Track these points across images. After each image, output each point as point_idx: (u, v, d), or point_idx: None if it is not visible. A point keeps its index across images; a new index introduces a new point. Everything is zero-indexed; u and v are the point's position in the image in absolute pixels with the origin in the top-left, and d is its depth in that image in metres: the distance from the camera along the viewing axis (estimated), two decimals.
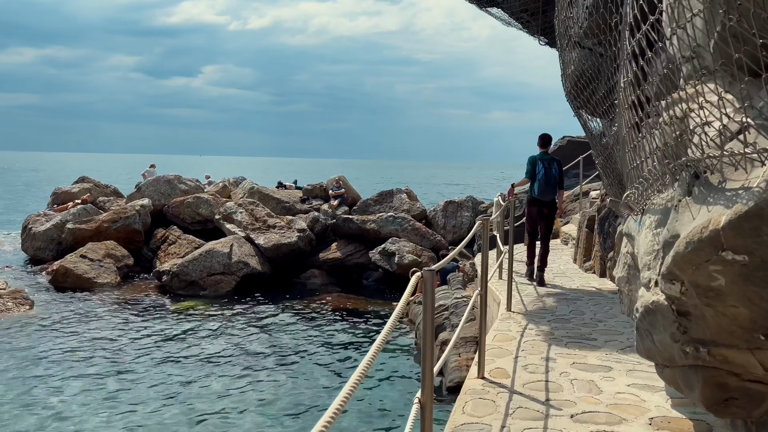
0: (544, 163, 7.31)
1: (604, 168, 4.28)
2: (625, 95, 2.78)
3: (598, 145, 4.25)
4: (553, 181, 7.30)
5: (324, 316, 13.40)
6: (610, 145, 3.84)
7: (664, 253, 2.10)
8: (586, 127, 4.37)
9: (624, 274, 3.67)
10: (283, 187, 22.82)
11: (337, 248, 16.56)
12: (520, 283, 7.61)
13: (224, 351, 11.01)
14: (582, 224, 9.06)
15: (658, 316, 2.23)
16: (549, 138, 7.75)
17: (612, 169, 4.09)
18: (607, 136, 3.94)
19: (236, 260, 15.26)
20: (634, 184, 2.79)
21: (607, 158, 4.07)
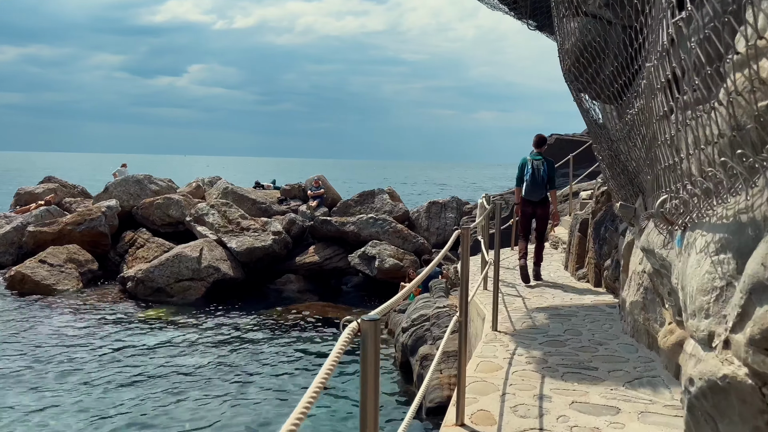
0: (533, 164, 7.34)
1: (611, 165, 3.51)
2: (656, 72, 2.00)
3: (603, 138, 3.49)
4: (540, 181, 7.28)
5: (299, 325, 12.55)
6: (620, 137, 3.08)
7: (747, 299, 1.32)
8: (588, 115, 3.61)
9: (639, 299, 2.92)
10: (261, 187, 21.92)
11: (314, 252, 15.71)
12: (507, 294, 6.83)
13: (190, 363, 10.15)
14: (574, 228, 8.31)
15: (732, 399, 1.44)
16: (542, 138, 7.69)
17: (621, 167, 3.33)
18: (616, 125, 3.18)
19: (206, 265, 14.36)
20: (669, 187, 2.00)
21: (614, 153, 3.30)
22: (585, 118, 3.93)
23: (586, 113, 3.68)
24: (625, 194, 3.55)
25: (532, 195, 7.38)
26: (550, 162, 7.47)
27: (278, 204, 18.73)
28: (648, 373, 4.00)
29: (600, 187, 7.44)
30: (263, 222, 15.99)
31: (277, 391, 9.20)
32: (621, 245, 4.71)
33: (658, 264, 2.56)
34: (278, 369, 10.08)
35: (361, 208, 17.86)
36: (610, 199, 6.88)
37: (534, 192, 7.37)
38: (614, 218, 6.59)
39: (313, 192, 18.49)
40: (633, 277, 3.06)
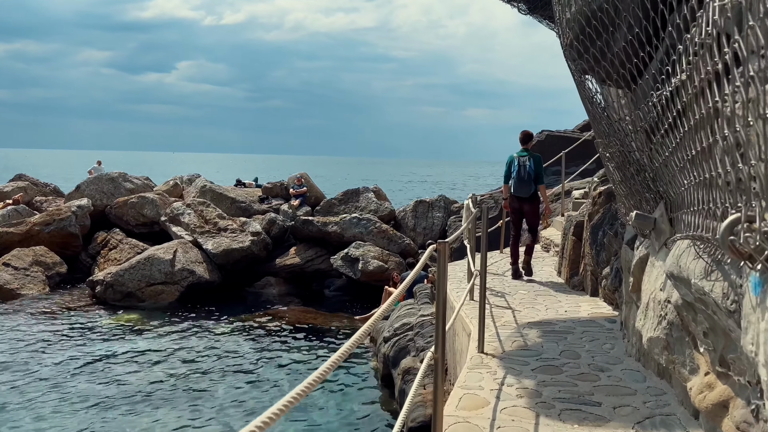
0: (520, 160, 7.43)
1: (622, 166, 2.87)
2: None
3: (612, 131, 2.85)
4: (527, 177, 7.36)
5: (278, 333, 11.86)
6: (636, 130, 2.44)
7: None
8: (592, 103, 2.96)
9: (660, 335, 2.30)
10: (242, 185, 21.17)
11: (295, 253, 15.02)
12: (496, 306, 6.19)
13: (160, 374, 9.47)
14: (568, 231, 7.69)
15: None
16: (528, 135, 7.77)
17: (636, 168, 2.69)
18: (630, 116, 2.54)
19: (180, 268, 13.63)
20: (731, 203, 1.34)
21: (627, 150, 2.66)
22: (587, 107, 3.30)
23: (589, 101, 3.05)
24: (638, 201, 2.92)
25: (519, 191, 7.46)
26: (537, 157, 7.51)
27: (259, 203, 18.00)
28: (661, 410, 3.36)
29: (596, 187, 6.83)
30: (242, 222, 15.27)
31: (253, 402, 8.56)
32: (627, 256, 4.07)
33: (693, 296, 1.93)
34: (254, 379, 9.41)
35: (345, 208, 17.18)
36: (609, 200, 6.25)
37: (521, 188, 7.44)
38: (613, 222, 5.97)
39: (295, 190, 17.78)
40: (651, 306, 2.43)
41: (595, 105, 2.89)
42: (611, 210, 6.07)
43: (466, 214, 6.76)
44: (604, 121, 2.84)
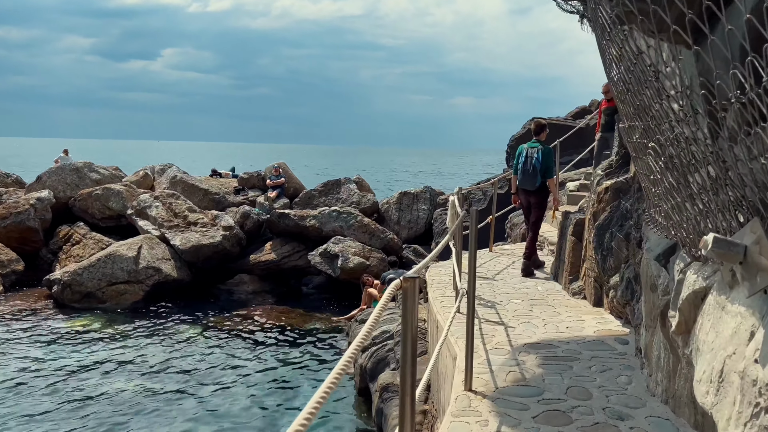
0: (528, 151, 7.20)
1: (677, 164, 1.95)
2: None
3: (661, 112, 1.95)
4: (531, 169, 7.08)
5: (250, 335, 10.94)
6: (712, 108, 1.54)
7: None
8: (634, 66, 2.04)
9: (748, 419, 1.41)
10: (218, 175, 20.13)
11: (271, 249, 14.06)
12: (486, 321, 5.31)
13: (118, 384, 8.58)
14: (566, 229, 6.82)
15: None
16: (540, 125, 7.47)
17: (692, 166, 1.80)
18: (686, 82, 1.65)
19: (145, 266, 12.64)
20: None
21: (691, 139, 1.76)
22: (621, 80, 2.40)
23: (617, 65, 2.18)
24: (691, 217, 2.03)
25: (524, 184, 7.22)
26: (547, 150, 7.17)
27: (234, 194, 16.99)
28: None
29: (600, 181, 5.95)
30: (213, 216, 14.28)
31: (223, 414, 7.69)
32: (652, 270, 3.19)
33: None
34: (224, 388, 8.54)
35: (326, 199, 16.24)
36: (618, 197, 5.38)
37: (526, 181, 7.18)
38: (623, 223, 5.09)
39: (272, 181, 16.79)
40: (731, 380, 1.56)
41: (638, 72, 2.00)
42: (620, 209, 5.20)
43: (451, 212, 5.88)
44: (651, 97, 1.96)
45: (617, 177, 5.73)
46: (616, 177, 5.75)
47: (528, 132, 14.48)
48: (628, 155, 6.03)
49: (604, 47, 2.48)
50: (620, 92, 2.62)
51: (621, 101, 2.75)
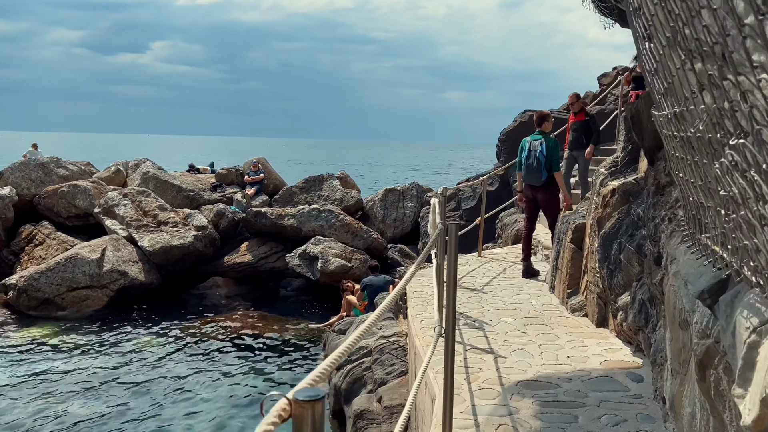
0: (531, 144, 6.78)
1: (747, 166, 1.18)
2: None
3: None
4: (536, 163, 6.64)
5: (222, 344, 10.09)
6: None
7: None
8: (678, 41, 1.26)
9: None
10: (196, 170, 19.17)
11: (247, 250, 13.20)
12: (472, 348, 4.50)
13: (74, 400, 7.76)
14: (563, 235, 6.02)
15: None
16: (543, 116, 6.95)
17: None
18: None
19: (109, 269, 11.74)
20: None
21: None
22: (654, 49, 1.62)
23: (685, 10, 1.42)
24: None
25: (530, 179, 6.80)
26: (552, 141, 6.71)
27: (211, 191, 16.07)
28: None
29: (604, 181, 5.14)
30: (185, 214, 13.39)
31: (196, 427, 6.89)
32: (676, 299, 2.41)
33: None
34: (191, 405, 7.73)
35: (307, 196, 15.38)
36: (627, 201, 4.57)
37: (531, 176, 6.76)
38: (633, 233, 4.29)
39: (250, 177, 15.89)
40: None
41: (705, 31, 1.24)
42: (630, 215, 4.39)
43: (432, 218, 5.06)
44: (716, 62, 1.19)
45: (624, 177, 4.93)
46: (623, 177, 4.94)
47: (521, 125, 13.69)
48: (636, 151, 5.23)
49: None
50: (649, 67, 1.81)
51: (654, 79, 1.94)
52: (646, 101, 4.07)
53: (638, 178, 4.61)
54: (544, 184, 6.69)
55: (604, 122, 11.32)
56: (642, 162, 4.86)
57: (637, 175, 4.78)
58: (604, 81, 16.78)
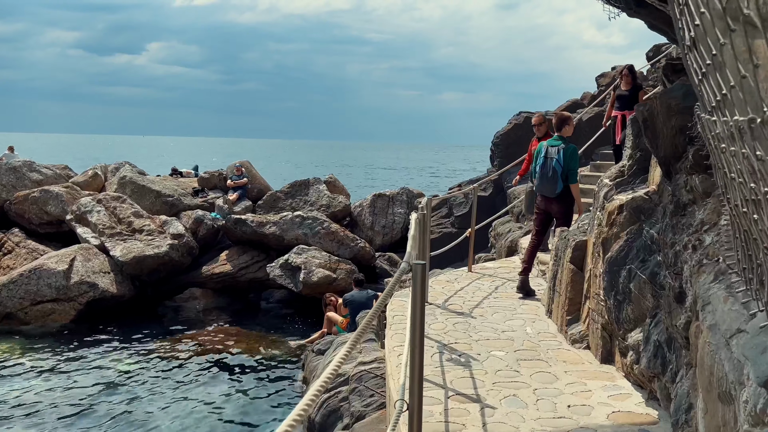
0: (548, 150, 6.09)
1: None
2: None
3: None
4: (551, 172, 6.00)
5: (196, 364, 9.38)
6: None
7: None
8: None
9: None
10: (179, 174, 18.47)
11: (226, 259, 12.49)
12: (454, 394, 3.81)
13: (34, 423, 7.09)
14: (561, 253, 5.34)
15: None
16: (563, 119, 6.21)
17: None
18: None
19: (78, 281, 11.03)
20: None
21: None
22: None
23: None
24: None
25: (543, 189, 6.16)
26: (570, 149, 6.01)
27: (193, 196, 15.36)
28: None
29: (609, 194, 4.47)
30: (162, 222, 12.67)
31: None
32: (717, 366, 1.75)
33: None
34: (157, 429, 7.03)
35: (293, 202, 14.70)
36: (638, 219, 3.89)
37: (544, 186, 6.10)
38: (646, 258, 3.62)
39: (233, 182, 15.18)
40: None
41: None
42: (642, 237, 3.72)
43: (413, 233, 4.38)
44: None
45: (633, 190, 4.25)
46: (632, 190, 4.27)
47: (515, 128, 13.03)
48: (646, 159, 4.56)
49: None
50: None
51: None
52: (661, 103, 3.39)
53: (650, 192, 3.93)
54: (559, 196, 6.03)
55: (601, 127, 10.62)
56: (653, 173, 4.19)
57: (647, 189, 4.10)
58: (602, 81, 16.16)
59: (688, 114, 3.28)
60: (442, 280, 7.03)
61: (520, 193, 10.65)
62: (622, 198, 4.05)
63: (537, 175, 6.16)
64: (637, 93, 8.33)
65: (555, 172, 5.98)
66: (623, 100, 8.23)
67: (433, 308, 5.78)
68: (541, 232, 6.45)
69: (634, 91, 8.37)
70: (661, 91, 3.45)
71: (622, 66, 9.17)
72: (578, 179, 6.42)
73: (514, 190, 10.79)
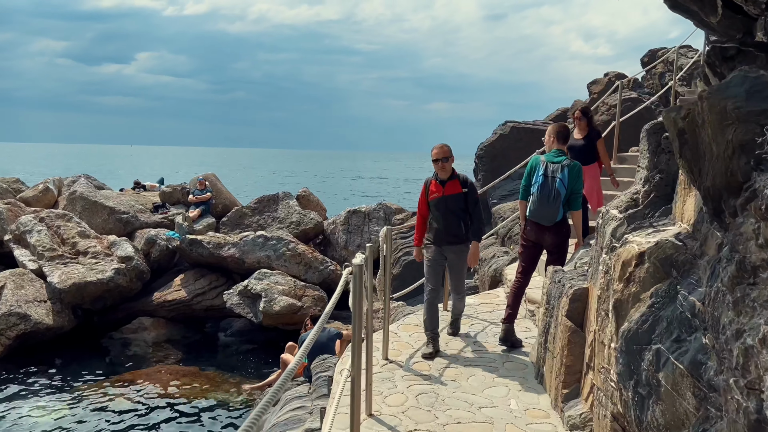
0: (549, 168, 4.94)
1: None
2: None
3: None
4: (554, 195, 4.86)
5: (141, 410, 8.10)
6: None
7: None
8: None
9: None
10: (142, 188, 17.15)
11: (181, 284, 11.21)
12: None
13: None
14: (555, 302, 4.16)
15: None
16: (563, 131, 5.15)
17: None
18: None
19: (6, 312, 9.72)
20: None
21: None
22: None
23: None
24: None
25: (539, 216, 4.96)
26: (575, 167, 4.90)
27: (152, 212, 14.09)
28: None
29: (619, 231, 3.29)
30: (109, 243, 11.38)
31: None
32: None
33: None
34: None
35: (260, 219, 13.48)
36: (669, 274, 2.70)
37: (542, 212, 4.92)
38: (683, 338, 2.44)
39: (195, 197, 13.92)
40: None
41: None
42: (676, 304, 2.54)
43: (354, 286, 3.19)
44: None
45: (653, 227, 3.08)
46: (651, 227, 3.09)
47: (500, 138, 11.87)
48: (667, 183, 3.41)
49: None
50: None
51: None
52: (710, 105, 2.22)
53: (683, 235, 2.75)
54: (557, 224, 4.94)
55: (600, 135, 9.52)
56: (681, 203, 3.02)
57: (676, 228, 2.92)
58: (594, 89, 15.10)
59: (753, 123, 2.12)
60: (410, 324, 5.82)
61: (506, 211, 9.48)
62: (642, 242, 2.87)
63: (534, 196, 4.99)
64: (593, 143, 6.70)
65: (558, 195, 4.87)
66: (576, 152, 6.19)
67: (394, 369, 4.56)
68: (528, 269, 5.27)
69: (589, 141, 6.70)
70: (709, 89, 2.28)
71: (578, 107, 7.16)
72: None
73: (499, 209, 9.62)
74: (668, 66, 14.93)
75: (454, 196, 5.02)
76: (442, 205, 5.03)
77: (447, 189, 5.02)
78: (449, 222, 5.03)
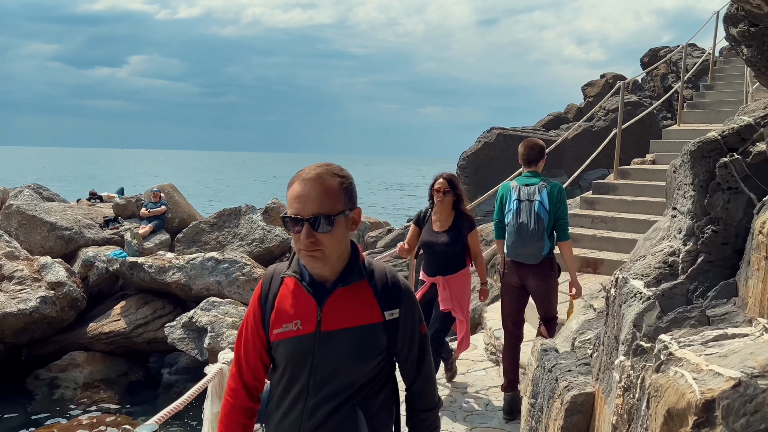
0: (522, 192, 3.92)
1: None
2: None
3: None
4: (535, 224, 3.81)
5: None
6: None
7: None
8: None
9: None
10: (98, 199, 15.70)
11: (121, 313, 9.80)
12: None
13: None
14: (546, 409, 2.81)
15: None
16: (536, 148, 4.04)
17: None
18: None
19: None
20: None
21: None
22: None
23: None
24: None
25: (519, 253, 3.92)
26: (556, 189, 3.91)
27: (102, 227, 12.66)
28: None
29: (644, 318, 1.97)
30: (39, 265, 9.96)
31: None
32: None
33: None
34: None
35: (219, 235, 12.10)
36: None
37: (521, 246, 3.88)
38: None
39: (148, 210, 12.51)
40: None
41: None
42: None
43: None
44: None
45: (715, 326, 1.74)
46: (712, 327, 1.76)
47: (485, 147, 10.53)
48: (726, 239, 2.09)
49: None
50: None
51: None
52: None
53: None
54: (542, 262, 3.91)
55: (594, 143, 8.24)
56: (760, 284, 1.70)
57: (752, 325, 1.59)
58: (589, 92, 13.81)
59: None
60: None
61: (489, 234, 8.16)
62: (704, 372, 1.52)
63: (512, 230, 3.93)
64: (459, 227, 4.18)
65: (540, 223, 3.84)
66: (438, 256, 4.29)
67: None
68: (519, 322, 4.17)
69: (456, 226, 4.19)
70: None
71: (442, 175, 4.27)
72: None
73: (482, 230, 8.29)
74: (671, 67, 13.68)
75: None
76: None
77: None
78: None
